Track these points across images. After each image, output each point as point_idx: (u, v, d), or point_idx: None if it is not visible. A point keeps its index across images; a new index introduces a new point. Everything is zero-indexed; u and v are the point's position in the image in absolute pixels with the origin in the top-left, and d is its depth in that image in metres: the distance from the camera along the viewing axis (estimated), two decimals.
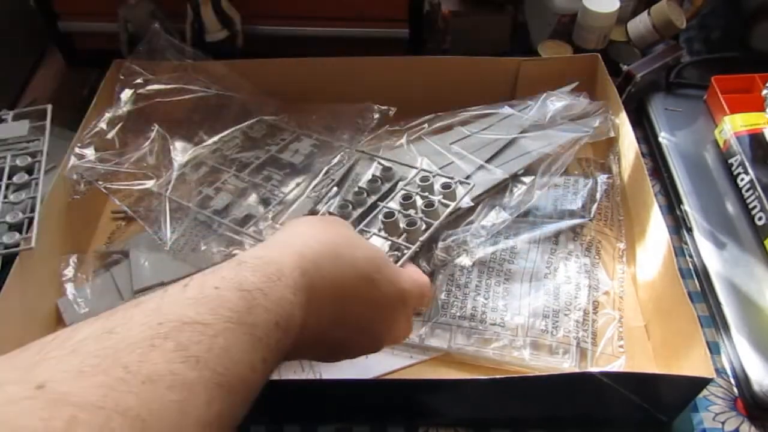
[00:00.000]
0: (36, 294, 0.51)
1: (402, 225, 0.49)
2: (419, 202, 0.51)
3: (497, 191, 0.58)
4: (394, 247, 0.48)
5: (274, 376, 0.28)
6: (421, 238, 0.48)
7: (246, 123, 0.63)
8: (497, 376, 0.42)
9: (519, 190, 0.58)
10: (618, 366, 0.48)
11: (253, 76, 0.65)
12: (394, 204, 0.52)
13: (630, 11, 0.75)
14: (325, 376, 0.48)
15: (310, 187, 0.57)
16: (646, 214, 0.53)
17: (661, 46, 0.71)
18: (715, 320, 0.52)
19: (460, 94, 0.65)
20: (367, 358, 0.49)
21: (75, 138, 0.58)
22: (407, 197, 0.51)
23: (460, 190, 0.53)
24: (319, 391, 0.45)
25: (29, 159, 0.57)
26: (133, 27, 0.68)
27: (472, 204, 0.56)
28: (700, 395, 0.48)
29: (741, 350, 0.48)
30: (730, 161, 0.61)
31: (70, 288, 0.53)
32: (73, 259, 0.55)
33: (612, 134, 0.61)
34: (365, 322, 0.35)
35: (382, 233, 0.49)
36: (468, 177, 0.57)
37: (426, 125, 0.63)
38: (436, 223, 0.49)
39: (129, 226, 0.60)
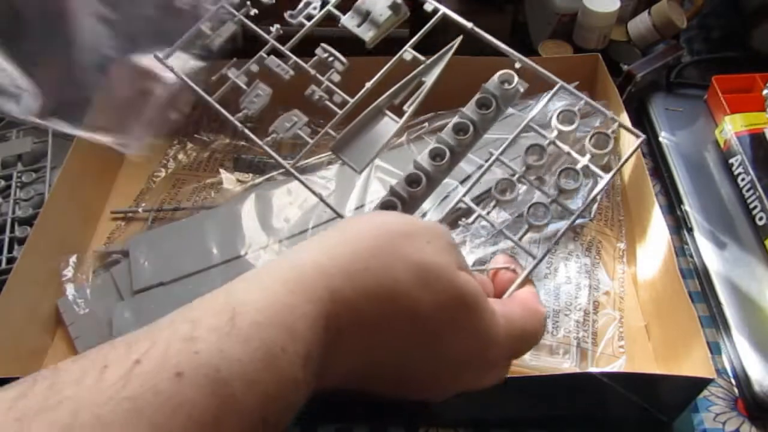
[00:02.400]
0: (36, 294, 0.51)
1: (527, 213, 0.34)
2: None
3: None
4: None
5: None
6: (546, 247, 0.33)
7: None
8: None
9: (519, 190, 0.57)
10: (618, 366, 0.48)
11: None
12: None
13: (630, 11, 0.74)
14: None
15: (391, 90, 0.37)
16: (646, 214, 0.53)
17: (662, 45, 0.71)
18: (716, 320, 0.51)
19: (460, 94, 0.64)
20: None
21: None
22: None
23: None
24: (320, 391, 0.45)
25: (33, 175, 0.61)
26: None
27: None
28: (701, 395, 0.48)
29: (741, 350, 0.48)
30: (730, 161, 0.61)
31: (70, 288, 0.53)
32: (73, 259, 0.55)
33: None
34: (420, 377, 0.26)
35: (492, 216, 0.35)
36: (468, 177, 0.57)
37: (426, 124, 0.63)
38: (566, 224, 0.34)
39: (129, 226, 0.60)
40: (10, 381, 0.23)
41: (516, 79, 0.36)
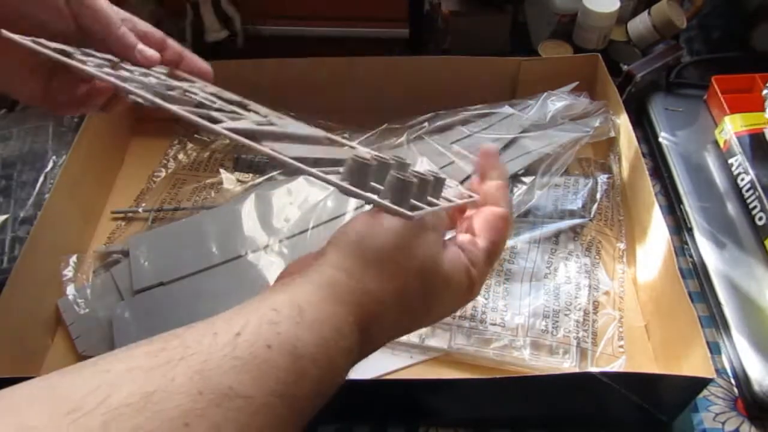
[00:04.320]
0: (36, 294, 0.51)
1: None
2: None
3: None
4: None
5: None
6: None
7: None
8: (497, 376, 0.42)
9: (519, 190, 0.58)
10: (618, 366, 0.48)
11: (252, 76, 0.65)
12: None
13: (630, 11, 0.74)
14: None
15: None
16: (646, 214, 0.53)
17: (662, 45, 0.71)
18: (716, 320, 0.52)
19: (460, 93, 0.65)
20: (368, 357, 0.49)
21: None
22: None
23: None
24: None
25: (34, 175, 0.61)
26: None
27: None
28: (701, 395, 0.48)
29: (741, 350, 0.48)
30: (730, 161, 0.61)
31: (70, 288, 0.53)
32: (73, 259, 0.55)
33: (612, 134, 0.61)
34: (423, 326, 0.34)
35: None
36: (468, 177, 0.57)
37: (426, 124, 0.63)
38: None
39: (129, 226, 0.60)
40: (10, 381, 0.23)
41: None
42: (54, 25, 0.37)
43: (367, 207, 0.32)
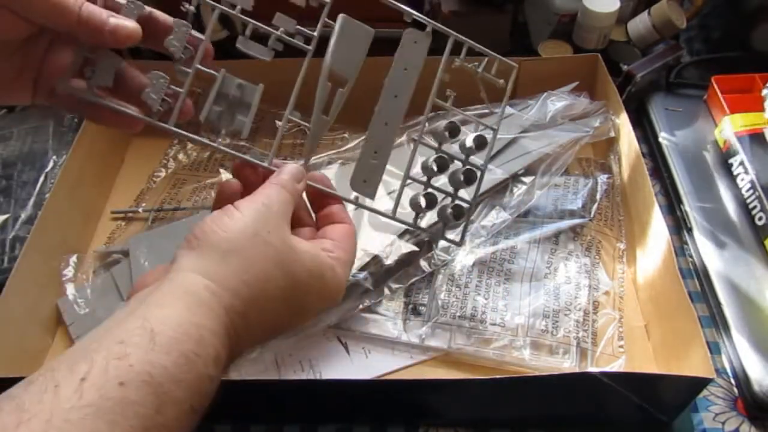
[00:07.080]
0: (36, 294, 0.51)
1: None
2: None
3: (497, 191, 0.58)
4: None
5: (274, 377, 0.28)
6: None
7: None
8: (497, 376, 0.42)
9: (519, 190, 0.58)
10: (618, 366, 0.48)
11: (252, 77, 0.65)
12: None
13: (630, 11, 0.74)
14: (325, 376, 0.48)
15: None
16: (646, 214, 0.53)
17: (662, 46, 0.71)
18: (715, 320, 0.52)
19: (460, 93, 0.64)
20: (368, 357, 0.49)
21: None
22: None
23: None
24: (319, 391, 0.45)
25: (34, 174, 0.61)
26: None
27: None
28: (700, 395, 0.48)
29: (741, 350, 0.48)
30: (730, 161, 0.61)
31: (70, 288, 0.53)
32: (73, 259, 0.55)
33: (612, 134, 0.61)
34: (295, 324, 0.34)
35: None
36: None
37: (426, 124, 0.63)
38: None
39: (129, 225, 0.60)
40: (11, 381, 0.23)
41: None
42: (8, 35, 0.31)
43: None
